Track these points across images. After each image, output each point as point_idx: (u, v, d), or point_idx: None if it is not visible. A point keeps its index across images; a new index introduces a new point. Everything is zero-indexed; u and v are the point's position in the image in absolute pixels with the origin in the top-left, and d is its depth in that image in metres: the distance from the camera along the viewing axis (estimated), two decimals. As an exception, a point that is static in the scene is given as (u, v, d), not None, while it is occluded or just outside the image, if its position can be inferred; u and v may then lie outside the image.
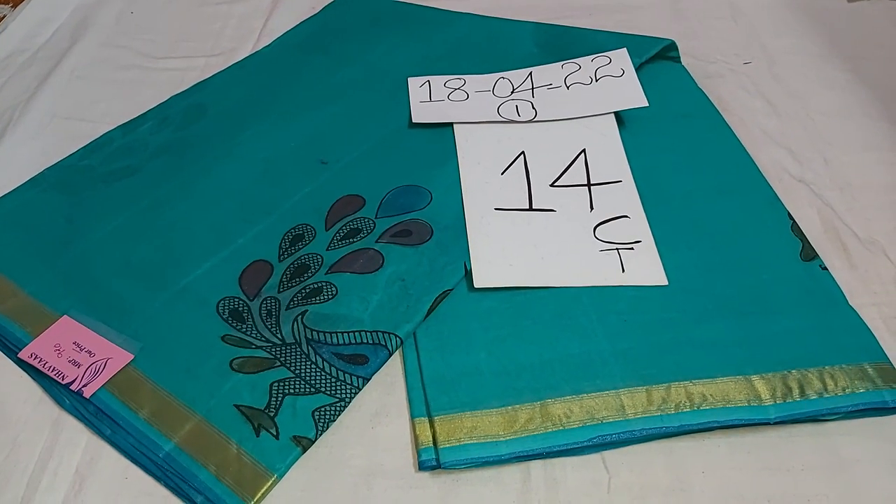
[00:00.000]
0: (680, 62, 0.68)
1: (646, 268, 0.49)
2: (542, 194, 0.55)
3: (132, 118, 0.63)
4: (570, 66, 0.65)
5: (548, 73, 0.65)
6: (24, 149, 0.62)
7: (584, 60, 0.65)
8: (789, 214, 0.53)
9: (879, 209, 0.55)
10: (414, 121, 0.62)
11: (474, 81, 0.65)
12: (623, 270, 0.49)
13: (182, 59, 0.72)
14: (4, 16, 0.79)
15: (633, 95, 0.61)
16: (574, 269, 0.49)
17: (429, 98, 0.64)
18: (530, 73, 0.65)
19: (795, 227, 0.52)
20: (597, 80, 0.63)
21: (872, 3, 0.77)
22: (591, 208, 0.53)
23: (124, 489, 0.40)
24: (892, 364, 0.44)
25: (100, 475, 0.41)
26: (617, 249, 0.50)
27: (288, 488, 0.40)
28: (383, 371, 0.45)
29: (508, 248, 0.51)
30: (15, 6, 0.80)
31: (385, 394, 0.44)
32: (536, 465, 0.41)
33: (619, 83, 0.62)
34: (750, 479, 0.40)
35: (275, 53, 0.72)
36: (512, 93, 0.63)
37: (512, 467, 0.41)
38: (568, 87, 0.63)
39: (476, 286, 0.48)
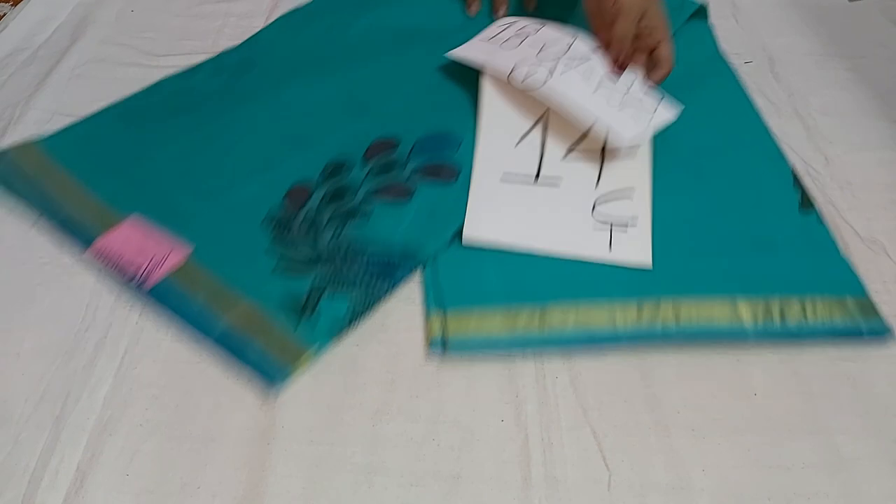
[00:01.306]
0: (706, 19, 0.69)
1: (634, 249, 0.51)
2: (552, 164, 0.55)
3: (184, 69, 0.68)
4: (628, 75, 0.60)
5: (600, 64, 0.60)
6: (24, 147, 0.62)
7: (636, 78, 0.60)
8: (793, 170, 0.56)
9: (880, 208, 0.55)
10: (449, 54, 0.63)
11: (548, 32, 0.61)
12: (610, 249, 0.51)
13: (182, 57, 0.72)
14: (4, 14, 0.79)
15: (634, 133, 0.55)
16: (564, 241, 0.51)
17: (489, 37, 0.64)
18: (587, 46, 0.60)
19: (797, 181, 0.55)
20: (626, 94, 0.58)
21: (873, 2, 0.77)
22: (598, 182, 0.54)
23: (126, 486, 0.40)
24: (871, 300, 0.47)
25: (101, 473, 0.41)
26: (610, 228, 0.52)
27: (287, 485, 0.40)
28: (384, 367, 0.45)
29: (505, 212, 0.53)
30: (15, 4, 0.80)
31: (386, 392, 0.44)
32: (536, 462, 0.41)
33: (635, 115, 0.56)
34: (750, 477, 0.40)
35: (320, 7, 0.75)
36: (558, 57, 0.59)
37: (512, 466, 0.41)
38: (598, 81, 0.58)
39: (465, 238, 0.51)
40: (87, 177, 0.57)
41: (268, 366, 0.45)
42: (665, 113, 0.57)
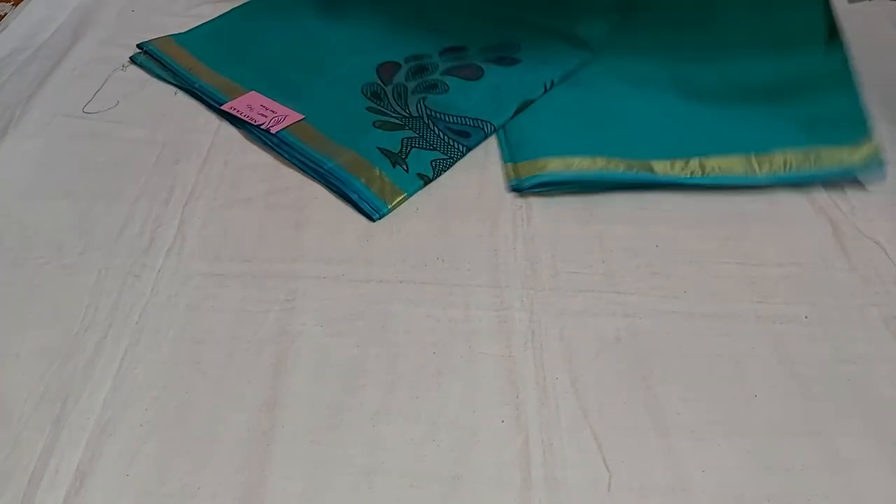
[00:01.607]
0: None
1: None
2: None
3: None
4: None
5: None
6: (26, 146, 0.62)
7: None
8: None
9: (880, 209, 0.55)
10: None
11: None
12: None
13: (183, 58, 0.72)
14: (5, 14, 0.79)
15: None
16: None
17: None
18: None
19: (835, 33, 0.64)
20: None
21: (873, 3, 0.77)
22: None
23: (126, 487, 0.40)
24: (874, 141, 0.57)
25: (101, 473, 0.41)
26: None
27: (287, 486, 0.40)
28: (384, 368, 0.45)
29: None
30: (16, 4, 0.80)
31: (387, 393, 0.44)
32: (537, 464, 0.41)
33: None
34: (750, 478, 0.40)
35: None
36: None
37: (512, 467, 0.41)
38: None
39: None
40: (214, 62, 0.69)
41: (369, 200, 0.55)
42: None
